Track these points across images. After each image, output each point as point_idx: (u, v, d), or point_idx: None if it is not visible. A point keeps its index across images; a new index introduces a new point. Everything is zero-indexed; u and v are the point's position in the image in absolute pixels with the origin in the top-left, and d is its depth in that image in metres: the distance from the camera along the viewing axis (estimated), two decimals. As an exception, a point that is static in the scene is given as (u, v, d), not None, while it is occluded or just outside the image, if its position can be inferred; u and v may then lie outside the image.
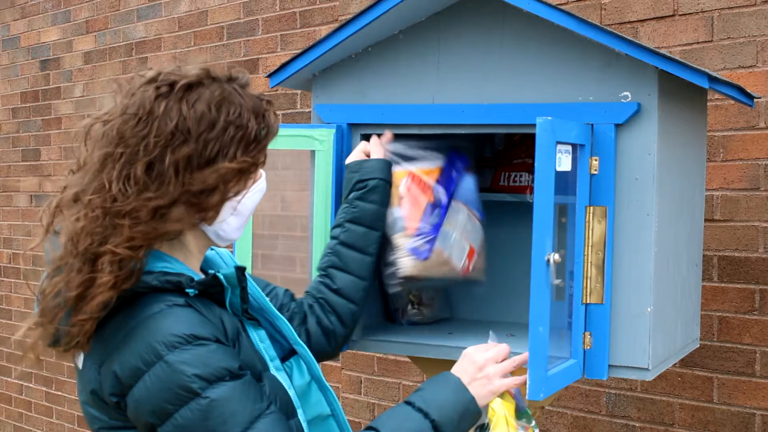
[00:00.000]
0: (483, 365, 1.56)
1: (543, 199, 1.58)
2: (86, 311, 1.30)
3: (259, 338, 1.45)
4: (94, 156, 1.36)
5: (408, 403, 1.48)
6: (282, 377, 1.43)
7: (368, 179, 1.87)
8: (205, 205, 1.38)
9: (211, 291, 1.38)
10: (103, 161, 1.35)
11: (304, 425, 1.41)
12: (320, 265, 1.85)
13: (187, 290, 1.34)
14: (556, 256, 1.58)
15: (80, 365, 1.39)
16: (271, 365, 1.44)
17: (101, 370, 1.33)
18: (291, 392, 1.43)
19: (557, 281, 1.60)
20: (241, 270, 1.41)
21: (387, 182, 1.88)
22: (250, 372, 1.35)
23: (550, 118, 1.57)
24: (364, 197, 1.86)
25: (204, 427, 1.27)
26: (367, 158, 1.91)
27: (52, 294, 1.33)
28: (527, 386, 1.58)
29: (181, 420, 1.27)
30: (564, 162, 1.66)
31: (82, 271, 1.32)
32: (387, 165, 1.89)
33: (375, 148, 1.91)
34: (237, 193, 1.43)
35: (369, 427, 1.44)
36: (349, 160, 1.91)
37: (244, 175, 1.42)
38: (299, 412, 1.43)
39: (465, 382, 1.53)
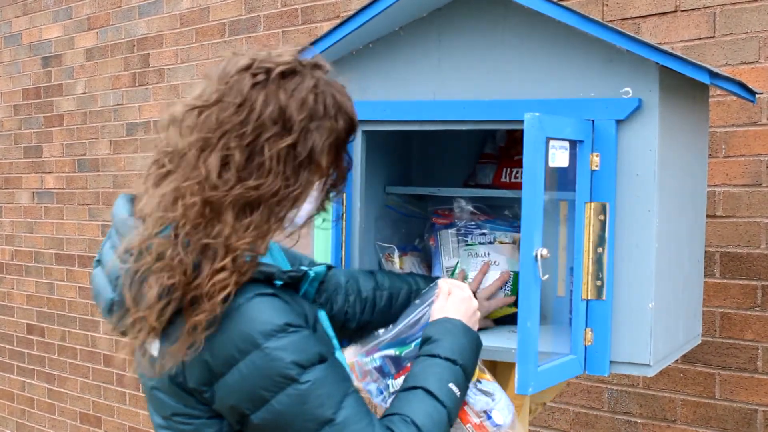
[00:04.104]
0: (473, 304, 1.65)
1: (531, 195, 1.58)
2: (207, 310, 1.31)
3: (324, 319, 1.49)
4: (191, 143, 1.36)
5: (433, 355, 1.52)
6: (341, 357, 1.47)
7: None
8: (299, 197, 1.40)
9: (291, 283, 1.42)
10: (201, 149, 1.35)
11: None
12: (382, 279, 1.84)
13: (275, 281, 1.37)
14: (544, 251, 1.58)
15: (154, 352, 1.37)
16: (335, 344, 1.48)
17: (185, 359, 1.33)
18: (348, 371, 1.47)
19: (545, 277, 1.60)
20: (330, 268, 1.51)
21: None
22: (331, 354, 1.40)
23: (537, 114, 1.57)
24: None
25: (301, 411, 1.31)
26: None
27: (152, 285, 1.32)
28: (516, 380, 1.58)
29: (279, 406, 1.31)
30: (559, 158, 1.66)
31: (189, 264, 1.31)
32: None
33: None
34: (323, 183, 1.46)
35: (413, 387, 1.48)
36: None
37: (330, 166, 1.45)
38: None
39: (465, 321, 1.60)
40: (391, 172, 2.19)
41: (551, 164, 1.65)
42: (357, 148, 1.99)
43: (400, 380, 1.60)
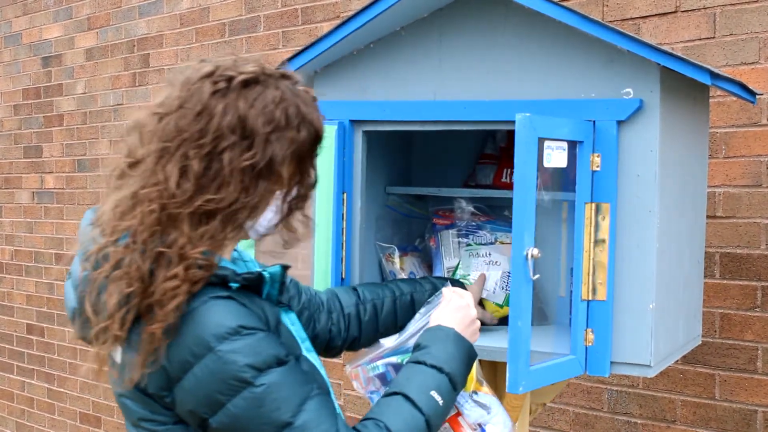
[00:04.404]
0: (471, 313, 1.62)
1: (522, 195, 1.58)
2: (160, 319, 1.30)
3: (290, 321, 1.48)
4: (150, 150, 1.35)
5: (419, 362, 1.51)
6: (313, 358, 1.47)
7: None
8: (257, 207, 1.39)
9: (251, 284, 1.40)
10: (159, 156, 1.34)
11: (335, 403, 1.43)
12: (366, 293, 1.84)
13: (230, 284, 1.36)
14: (535, 251, 1.58)
15: (118, 359, 1.38)
16: (302, 347, 1.47)
17: (148, 369, 1.33)
18: (323, 372, 1.46)
19: (535, 276, 1.61)
20: (286, 268, 1.46)
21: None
22: (293, 356, 1.38)
23: (528, 114, 1.57)
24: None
25: (257, 415, 1.30)
26: None
27: (112, 293, 1.32)
28: (506, 379, 1.58)
29: (234, 409, 1.29)
30: (555, 158, 1.66)
31: (145, 272, 1.31)
32: None
33: None
34: (284, 194, 1.44)
35: (393, 392, 1.46)
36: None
37: (294, 177, 1.43)
38: (331, 390, 1.46)
39: (460, 330, 1.58)
40: (391, 172, 2.19)
41: (547, 164, 1.65)
42: (358, 148, 1.99)
43: None
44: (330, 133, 1.96)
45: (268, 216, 1.44)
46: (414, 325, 1.69)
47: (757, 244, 2.53)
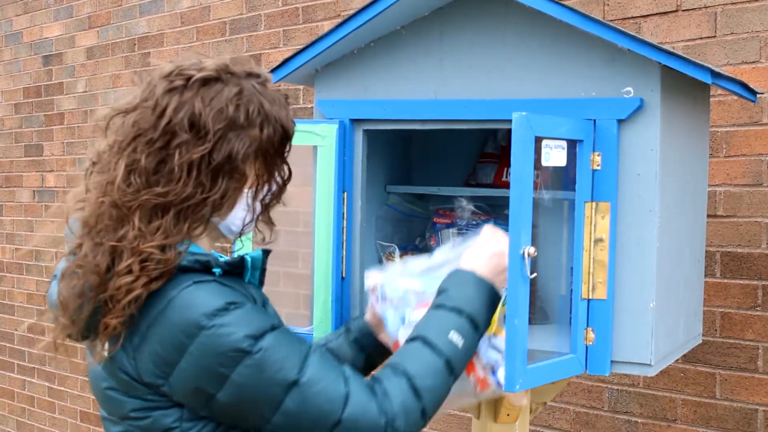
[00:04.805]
0: (504, 261, 1.58)
1: (519, 194, 1.58)
2: (116, 313, 1.32)
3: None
4: (109, 145, 1.39)
5: (439, 306, 1.52)
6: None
7: None
8: (218, 203, 1.39)
9: (233, 272, 1.41)
10: (116, 152, 1.37)
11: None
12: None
13: (213, 270, 1.37)
14: (531, 250, 1.58)
15: (105, 352, 1.37)
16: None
17: (136, 355, 1.34)
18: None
19: (532, 275, 1.61)
20: (267, 253, 1.47)
21: None
22: (283, 325, 1.40)
23: (525, 113, 1.57)
24: None
25: (263, 380, 1.31)
26: None
27: (71, 286, 1.34)
28: (504, 377, 1.58)
29: (240, 379, 1.30)
30: (554, 157, 1.66)
31: (101, 265, 1.33)
32: None
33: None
34: (254, 191, 1.45)
35: (413, 338, 1.48)
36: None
37: (262, 176, 1.44)
38: None
39: (491, 277, 1.56)
40: (392, 171, 2.19)
41: (545, 163, 1.65)
42: (358, 147, 1.99)
43: (419, 313, 1.59)
44: (330, 132, 1.96)
45: (240, 214, 1.45)
46: (443, 254, 1.68)
47: (757, 243, 2.53)
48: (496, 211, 2.12)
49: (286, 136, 1.46)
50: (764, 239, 2.52)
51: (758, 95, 2.25)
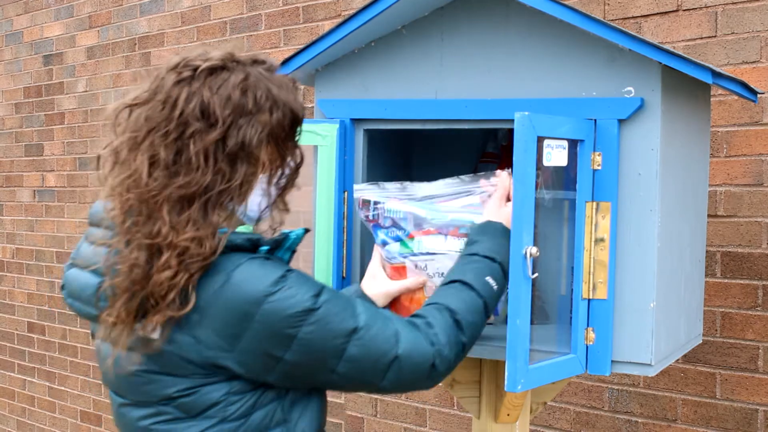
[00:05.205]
0: None
1: (521, 193, 1.58)
2: (162, 309, 1.35)
3: None
4: (123, 142, 1.41)
5: (472, 254, 1.62)
6: None
7: None
8: (238, 190, 1.42)
9: (272, 249, 1.48)
10: (132, 148, 1.39)
11: None
12: None
13: (260, 248, 1.44)
14: (533, 250, 1.59)
15: (155, 334, 1.39)
16: None
17: (196, 331, 1.37)
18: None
19: (534, 275, 1.61)
20: (307, 231, 1.57)
21: None
22: None
23: (527, 113, 1.57)
24: None
25: (328, 332, 1.39)
26: None
27: (116, 281, 1.37)
28: (505, 378, 1.59)
29: (307, 336, 1.37)
30: (556, 157, 1.66)
31: (139, 261, 1.35)
32: None
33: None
34: (268, 176, 1.48)
35: (451, 281, 1.58)
36: None
37: (275, 160, 1.48)
38: None
39: (508, 225, 1.65)
40: (392, 171, 2.19)
41: (547, 163, 1.65)
42: (358, 146, 1.99)
43: (420, 238, 1.72)
44: (331, 132, 1.96)
45: (257, 200, 1.48)
46: (450, 186, 1.77)
47: (758, 243, 2.53)
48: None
49: (295, 119, 1.49)
50: (764, 239, 2.52)
51: (759, 95, 2.25)
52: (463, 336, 1.51)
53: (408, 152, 2.29)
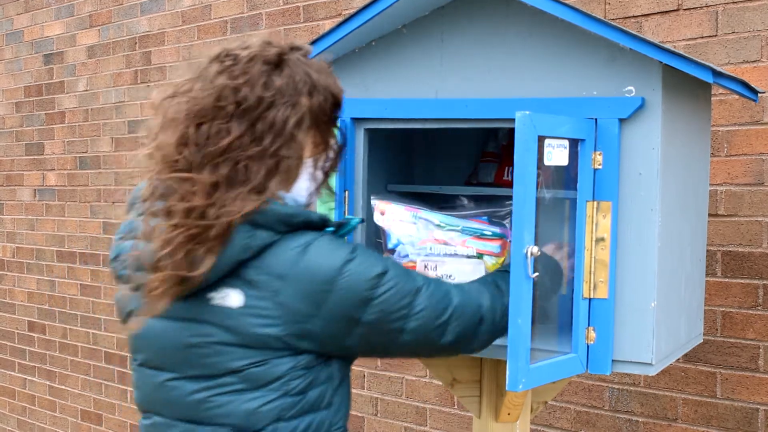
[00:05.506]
0: None
1: (522, 193, 1.59)
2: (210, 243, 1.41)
3: None
4: (166, 129, 1.45)
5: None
6: None
7: None
8: (284, 176, 1.47)
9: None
10: (179, 138, 1.43)
11: None
12: None
13: (327, 228, 1.53)
14: (534, 249, 1.59)
15: (237, 302, 1.44)
16: None
17: (280, 298, 1.43)
18: None
19: (534, 274, 1.61)
20: (361, 222, 1.69)
21: None
22: None
23: (528, 112, 1.57)
24: None
25: (400, 292, 1.48)
26: None
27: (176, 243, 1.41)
28: (506, 377, 1.59)
29: (383, 296, 1.46)
30: (556, 156, 1.66)
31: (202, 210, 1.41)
32: None
33: None
34: (314, 160, 1.55)
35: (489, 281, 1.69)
36: None
37: (319, 144, 1.54)
38: None
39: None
40: (393, 170, 2.19)
41: (547, 162, 1.65)
42: (359, 146, 1.99)
43: (428, 245, 1.81)
44: (331, 131, 1.96)
45: (304, 185, 1.55)
46: (472, 224, 1.87)
47: (758, 243, 2.53)
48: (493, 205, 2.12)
49: (336, 102, 1.56)
50: (765, 238, 2.52)
51: (759, 94, 2.25)
52: (506, 300, 1.63)
53: (408, 151, 2.29)
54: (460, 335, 1.57)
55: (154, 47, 4.43)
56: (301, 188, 1.54)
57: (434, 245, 1.85)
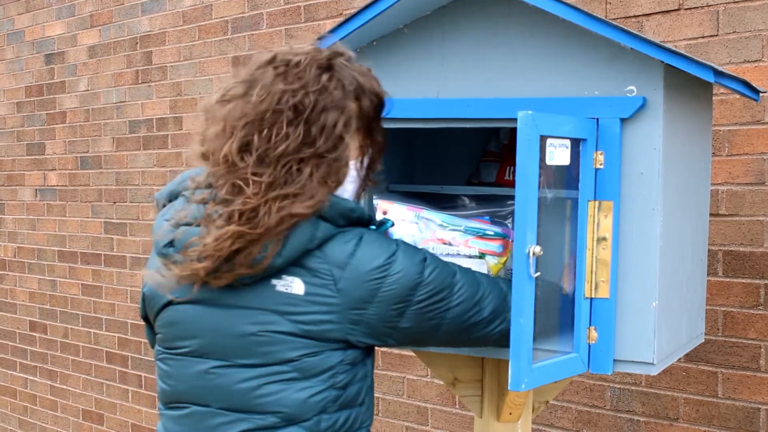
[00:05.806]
0: None
1: (524, 193, 1.59)
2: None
3: None
4: (218, 132, 1.51)
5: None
6: None
7: None
8: (331, 175, 1.53)
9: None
10: (241, 142, 1.48)
11: None
12: None
13: (370, 226, 1.60)
14: (537, 249, 1.59)
15: (300, 290, 1.50)
16: None
17: (341, 285, 1.49)
18: None
19: (536, 274, 1.61)
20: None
21: None
22: None
23: (530, 112, 1.57)
24: None
25: (441, 273, 1.58)
26: None
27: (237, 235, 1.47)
28: (509, 377, 1.59)
29: (429, 277, 1.55)
30: (558, 156, 1.66)
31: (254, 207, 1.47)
32: None
33: None
34: (360, 162, 1.62)
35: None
36: None
37: (365, 146, 1.62)
38: None
39: None
40: (394, 170, 2.19)
41: (549, 162, 1.65)
42: (360, 145, 1.99)
43: (429, 246, 1.85)
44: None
45: (350, 187, 1.62)
46: (473, 223, 1.89)
47: (760, 242, 2.53)
48: (495, 205, 2.12)
49: (381, 103, 1.63)
50: (766, 238, 2.52)
51: (761, 94, 2.25)
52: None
53: (410, 151, 2.29)
54: (494, 311, 1.64)
55: (155, 47, 4.43)
56: (345, 190, 1.59)
57: (437, 245, 1.86)
